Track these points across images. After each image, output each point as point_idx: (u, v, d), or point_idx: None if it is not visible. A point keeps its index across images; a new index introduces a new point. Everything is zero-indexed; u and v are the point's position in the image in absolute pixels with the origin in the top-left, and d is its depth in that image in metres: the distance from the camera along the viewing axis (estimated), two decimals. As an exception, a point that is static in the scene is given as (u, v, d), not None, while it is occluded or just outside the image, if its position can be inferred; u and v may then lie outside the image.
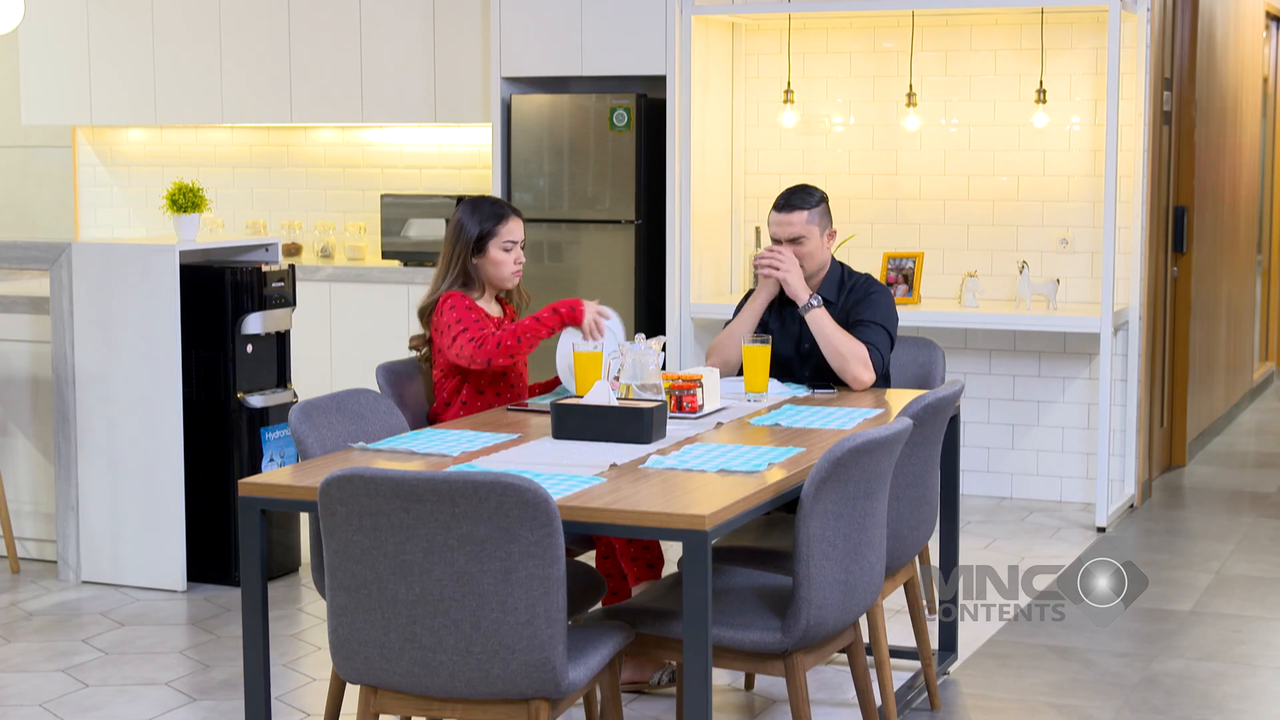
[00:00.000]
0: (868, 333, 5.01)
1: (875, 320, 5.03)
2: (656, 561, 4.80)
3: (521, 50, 7.67)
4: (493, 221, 4.88)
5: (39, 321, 6.31)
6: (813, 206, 5.05)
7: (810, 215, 5.04)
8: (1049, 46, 7.42)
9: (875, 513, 3.97)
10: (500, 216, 4.89)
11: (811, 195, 5.07)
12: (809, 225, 5.03)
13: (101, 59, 8.88)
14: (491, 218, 4.88)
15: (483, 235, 4.87)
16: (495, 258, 4.89)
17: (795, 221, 5.03)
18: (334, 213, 8.90)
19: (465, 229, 4.88)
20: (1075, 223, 7.47)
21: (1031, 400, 7.56)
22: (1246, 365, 10.66)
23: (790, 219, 5.03)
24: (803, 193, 5.08)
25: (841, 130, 7.79)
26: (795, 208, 5.04)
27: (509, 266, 4.91)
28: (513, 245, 4.90)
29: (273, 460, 6.09)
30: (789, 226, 5.03)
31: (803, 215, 5.03)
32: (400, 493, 3.37)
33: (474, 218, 4.89)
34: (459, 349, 4.74)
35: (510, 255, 4.90)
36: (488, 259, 4.88)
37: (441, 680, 3.46)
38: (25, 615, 5.75)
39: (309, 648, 5.36)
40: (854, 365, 4.95)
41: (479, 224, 4.88)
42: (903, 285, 7.44)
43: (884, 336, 5.03)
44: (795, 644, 3.80)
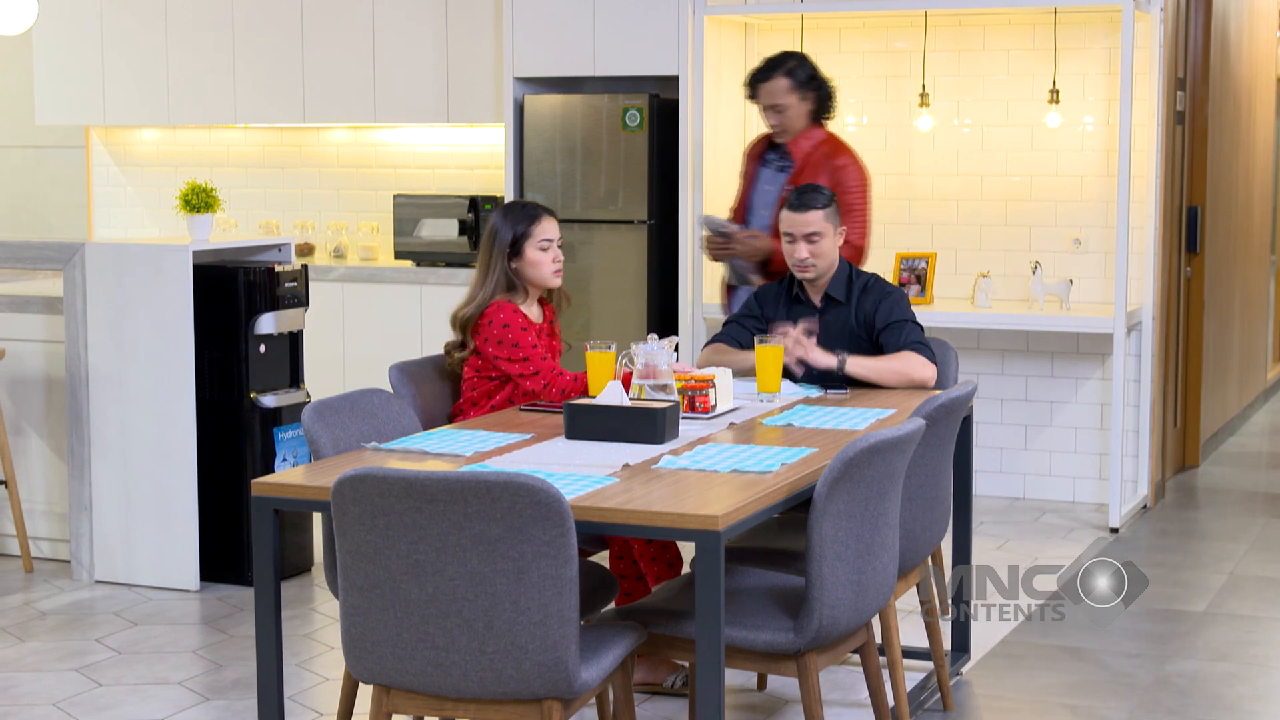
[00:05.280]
0: (905, 333, 5.06)
1: (905, 319, 5.08)
2: (676, 561, 4.80)
3: (534, 50, 7.67)
4: (526, 223, 4.89)
5: (52, 321, 6.32)
6: (826, 205, 5.09)
7: (826, 214, 5.08)
8: (1062, 46, 7.41)
9: (888, 513, 3.97)
10: (533, 217, 4.90)
11: (823, 193, 5.12)
12: (825, 223, 5.07)
13: (115, 59, 8.90)
14: (524, 219, 4.89)
15: (517, 238, 4.88)
16: (533, 258, 4.89)
17: (813, 220, 5.06)
18: (347, 213, 8.91)
19: (500, 234, 4.89)
20: (1088, 223, 7.46)
21: (1044, 401, 7.55)
22: (1260, 365, 10.64)
23: (808, 218, 5.07)
24: (814, 191, 5.13)
25: (854, 130, 7.78)
26: (810, 206, 5.07)
27: (548, 266, 4.92)
28: (549, 244, 4.91)
29: (285, 460, 6.10)
30: (807, 225, 5.07)
31: (819, 214, 5.07)
32: (413, 492, 3.37)
33: (507, 221, 4.90)
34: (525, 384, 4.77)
35: (548, 254, 4.91)
36: (526, 260, 4.89)
37: (454, 680, 3.46)
38: (39, 615, 5.76)
39: (322, 647, 5.37)
40: (916, 374, 5.01)
41: (512, 227, 4.88)
42: (915, 285, 7.44)
43: (919, 329, 5.10)
44: (808, 644, 3.79)
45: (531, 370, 4.78)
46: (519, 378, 4.79)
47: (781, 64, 5.96)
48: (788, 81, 5.90)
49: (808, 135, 5.92)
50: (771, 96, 5.91)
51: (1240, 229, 9.55)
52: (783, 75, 5.91)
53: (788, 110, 5.90)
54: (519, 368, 4.78)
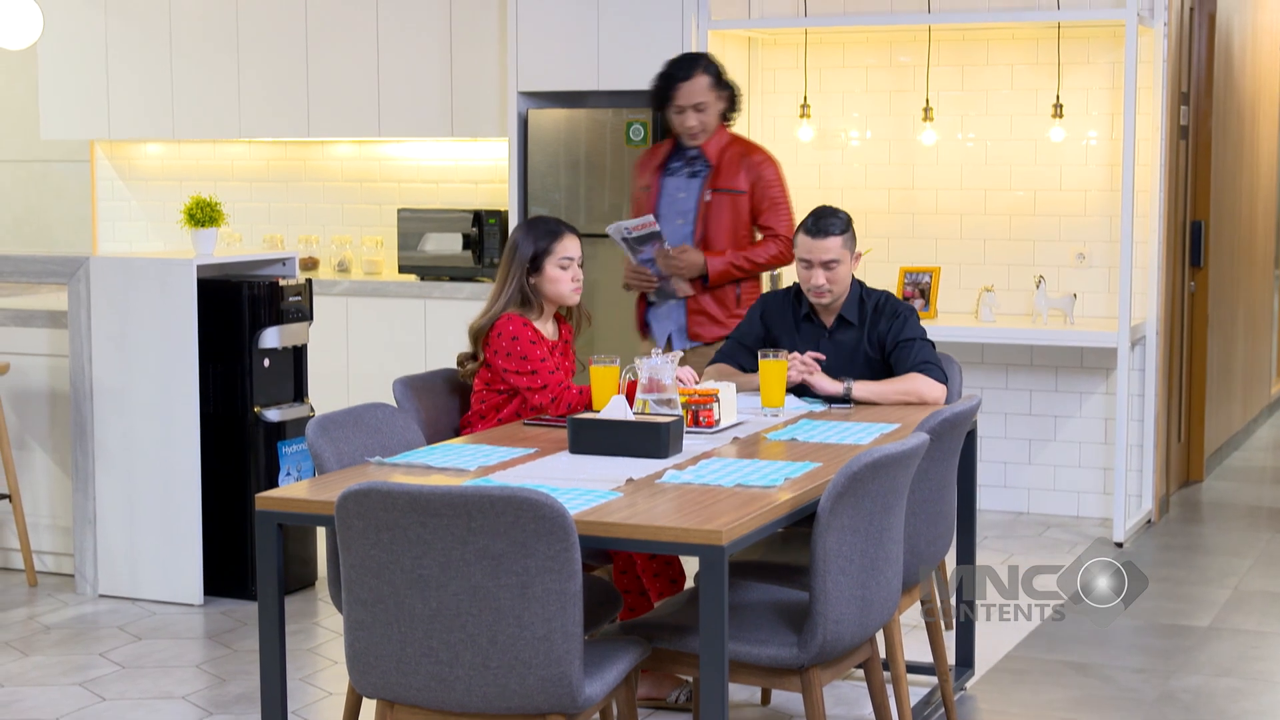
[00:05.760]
0: (914, 353, 5.02)
1: (915, 337, 5.05)
2: (679, 577, 4.80)
3: (538, 65, 7.68)
4: (547, 240, 4.90)
5: (57, 335, 6.33)
6: (844, 230, 5.04)
7: (844, 239, 5.03)
8: (1066, 61, 7.42)
9: (892, 528, 3.97)
10: (555, 234, 4.91)
11: (840, 218, 5.05)
12: (843, 250, 5.03)
13: (120, 74, 8.91)
14: (546, 236, 4.90)
15: (538, 254, 4.89)
16: (552, 275, 4.90)
17: (831, 247, 5.01)
18: (351, 227, 8.92)
19: (521, 249, 4.90)
20: (1092, 237, 7.46)
21: (1048, 415, 7.55)
22: (1264, 380, 10.63)
23: (826, 245, 5.01)
24: (831, 216, 5.05)
25: (858, 144, 7.79)
26: (828, 233, 5.01)
27: (567, 284, 4.93)
28: (569, 262, 4.92)
29: (289, 474, 6.10)
30: (826, 251, 5.01)
31: (837, 241, 5.02)
32: (417, 507, 3.37)
33: (529, 237, 4.91)
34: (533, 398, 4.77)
35: (568, 273, 4.92)
36: (545, 277, 4.90)
37: (458, 695, 3.46)
38: (43, 629, 5.76)
39: (326, 662, 5.36)
40: (926, 394, 4.97)
41: (534, 243, 4.89)
42: (919, 300, 7.44)
43: (930, 348, 5.05)
44: (812, 659, 3.79)
45: (539, 384, 4.78)
46: (526, 391, 4.79)
47: (697, 62, 5.85)
48: (708, 79, 5.81)
49: (716, 136, 5.86)
50: (693, 96, 5.79)
51: (1244, 243, 9.55)
52: (703, 73, 5.81)
53: (708, 109, 5.80)
54: (526, 380, 4.78)
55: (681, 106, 5.81)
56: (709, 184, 5.81)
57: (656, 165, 5.96)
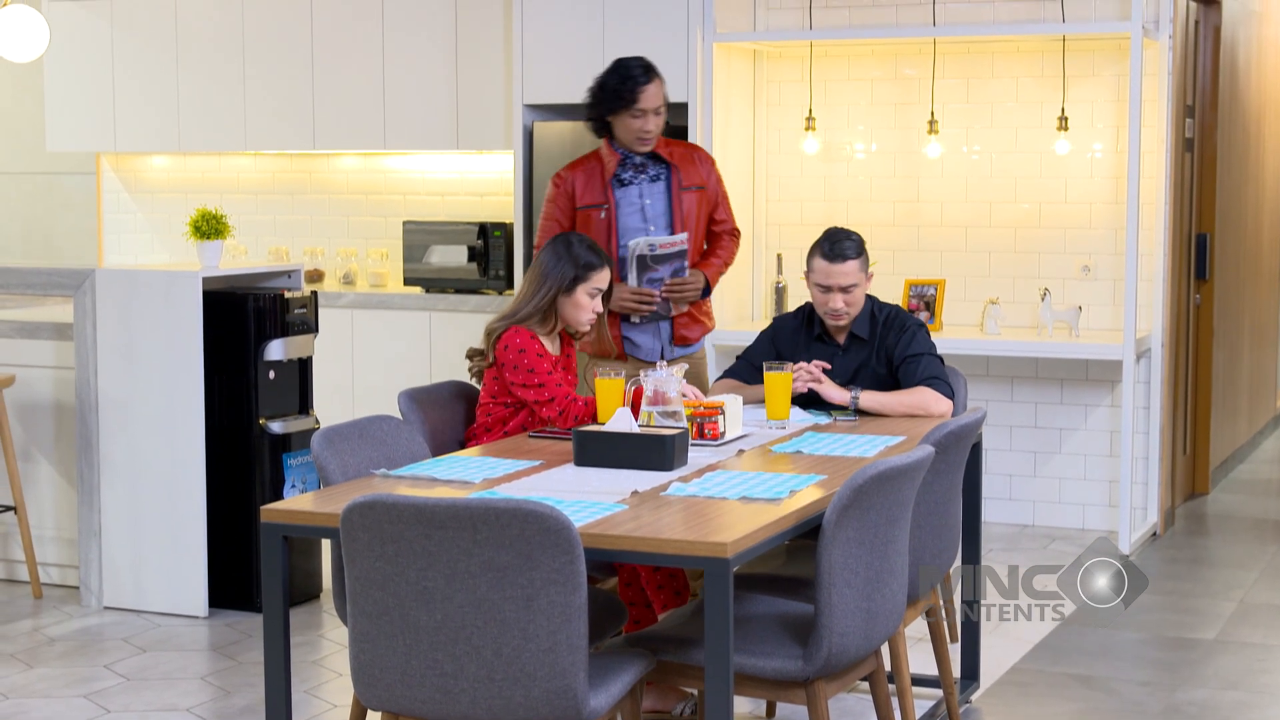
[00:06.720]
0: (923, 367, 5.02)
1: (923, 352, 5.04)
2: (684, 589, 4.80)
3: (543, 77, 7.69)
4: (589, 270, 4.89)
5: (62, 348, 6.33)
6: (860, 254, 5.04)
7: (860, 262, 5.04)
8: (1071, 74, 7.42)
9: (897, 540, 3.96)
10: (596, 265, 4.90)
11: (854, 240, 5.06)
12: (859, 273, 5.04)
13: (126, 86, 8.93)
14: (588, 265, 4.89)
15: (577, 277, 4.89)
16: (580, 301, 4.90)
17: (850, 271, 5.02)
18: (356, 239, 8.93)
19: (564, 266, 4.89)
20: (1097, 250, 7.46)
21: (1054, 427, 7.55)
22: (1270, 392, 10.62)
23: (845, 269, 5.01)
24: (846, 239, 5.05)
25: (863, 157, 7.80)
26: (846, 257, 5.01)
27: (587, 313, 4.93)
28: (597, 293, 4.93)
29: (294, 486, 6.11)
30: (845, 276, 5.01)
31: (854, 264, 5.02)
32: (422, 519, 3.38)
33: (573, 257, 4.89)
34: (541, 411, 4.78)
35: (593, 302, 4.92)
36: (572, 300, 4.90)
37: (463, 707, 3.46)
38: (48, 641, 5.76)
39: (330, 674, 5.36)
40: (933, 408, 4.98)
41: (576, 266, 4.88)
42: (924, 312, 7.44)
43: (938, 363, 5.05)
44: (817, 672, 3.79)
45: (547, 396, 4.78)
46: (534, 404, 4.80)
47: (650, 65, 5.60)
48: (661, 81, 5.59)
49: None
50: (656, 99, 5.54)
51: (1249, 256, 9.54)
52: (657, 76, 5.58)
53: (663, 112, 5.59)
54: (535, 394, 4.79)
55: (644, 110, 5.52)
56: (680, 183, 5.62)
57: (604, 183, 5.59)
